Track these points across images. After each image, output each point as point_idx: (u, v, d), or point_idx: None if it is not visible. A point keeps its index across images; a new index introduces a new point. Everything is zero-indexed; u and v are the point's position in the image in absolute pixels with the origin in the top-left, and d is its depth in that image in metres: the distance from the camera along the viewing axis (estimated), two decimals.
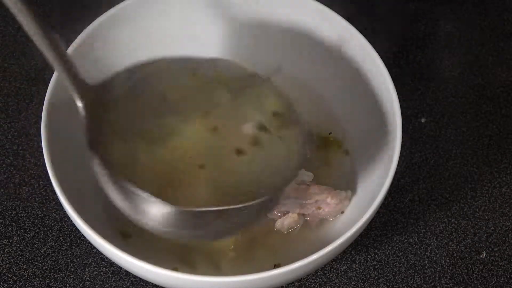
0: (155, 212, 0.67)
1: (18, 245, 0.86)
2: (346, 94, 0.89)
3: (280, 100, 0.73)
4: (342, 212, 0.82)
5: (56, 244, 0.86)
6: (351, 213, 0.82)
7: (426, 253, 0.88)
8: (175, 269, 0.74)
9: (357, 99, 0.88)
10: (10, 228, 0.87)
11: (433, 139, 0.95)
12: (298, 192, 0.81)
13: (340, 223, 0.82)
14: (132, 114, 0.71)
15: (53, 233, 0.87)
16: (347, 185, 0.84)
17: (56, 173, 0.75)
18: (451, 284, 0.86)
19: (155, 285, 0.81)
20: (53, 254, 0.86)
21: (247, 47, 0.91)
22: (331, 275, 0.86)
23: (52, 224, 0.87)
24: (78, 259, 0.85)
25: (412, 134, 0.95)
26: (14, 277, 0.84)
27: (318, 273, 0.86)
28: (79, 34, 0.84)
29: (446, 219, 0.90)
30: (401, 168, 0.91)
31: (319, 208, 0.81)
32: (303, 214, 0.82)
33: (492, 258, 0.88)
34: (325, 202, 0.81)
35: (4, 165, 0.91)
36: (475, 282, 0.87)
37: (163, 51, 0.92)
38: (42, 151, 0.76)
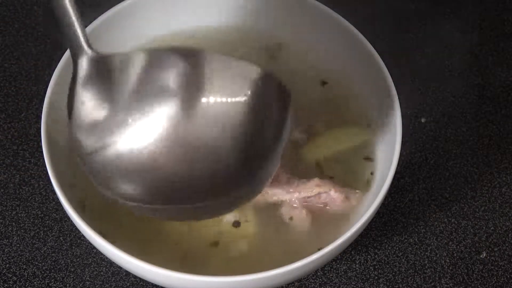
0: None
1: (18, 245, 0.86)
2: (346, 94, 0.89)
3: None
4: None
5: (56, 244, 0.86)
6: (351, 213, 0.81)
7: (426, 253, 0.88)
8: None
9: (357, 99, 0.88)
10: (10, 228, 0.87)
11: (433, 139, 0.95)
12: (299, 186, 0.80)
13: (340, 223, 0.81)
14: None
15: (53, 233, 0.87)
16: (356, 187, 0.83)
17: (56, 173, 0.75)
18: (451, 284, 0.86)
19: (155, 285, 0.81)
20: (53, 254, 0.86)
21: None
22: (331, 275, 0.86)
23: (52, 224, 0.87)
24: (78, 259, 0.85)
25: (412, 134, 0.95)
26: (14, 277, 0.84)
27: (318, 273, 0.86)
28: None
29: (446, 219, 0.90)
30: (401, 168, 0.91)
31: (325, 204, 0.81)
32: (309, 211, 0.81)
33: (492, 258, 0.88)
34: (329, 196, 0.80)
35: (4, 165, 0.91)
36: (475, 282, 0.87)
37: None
38: (42, 151, 0.76)
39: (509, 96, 1.00)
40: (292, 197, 0.80)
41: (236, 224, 0.79)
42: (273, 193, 0.80)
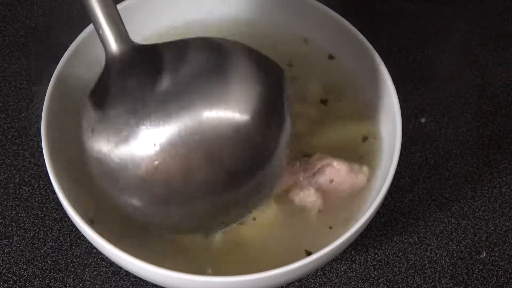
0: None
1: (18, 245, 0.86)
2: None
3: None
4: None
5: (56, 244, 0.86)
6: (352, 213, 0.81)
7: (426, 253, 0.88)
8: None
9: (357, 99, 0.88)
10: (10, 228, 0.87)
11: (433, 139, 0.95)
12: (302, 166, 0.80)
13: (340, 223, 0.81)
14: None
15: (53, 233, 0.87)
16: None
17: (56, 173, 0.75)
18: (451, 284, 0.86)
19: (155, 285, 0.81)
20: (53, 254, 0.86)
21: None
22: (331, 275, 0.86)
23: (52, 224, 0.87)
24: (78, 259, 0.85)
25: (412, 134, 0.95)
26: (14, 277, 0.84)
27: (318, 273, 0.86)
28: (79, 34, 0.84)
29: (446, 219, 0.90)
30: (401, 168, 0.91)
31: (331, 180, 0.80)
32: (319, 192, 0.81)
33: (492, 258, 0.88)
34: (333, 169, 0.80)
35: (4, 165, 0.91)
36: (475, 282, 0.87)
37: None
38: (42, 151, 0.76)
39: (509, 96, 1.00)
40: (299, 178, 0.80)
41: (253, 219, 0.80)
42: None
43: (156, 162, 0.67)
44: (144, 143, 0.67)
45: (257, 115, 0.69)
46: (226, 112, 0.68)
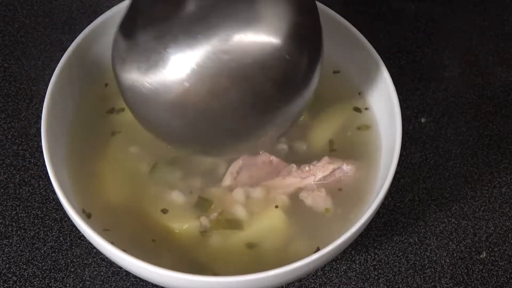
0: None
1: (18, 245, 0.86)
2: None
3: None
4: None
5: (56, 244, 0.86)
6: (351, 213, 0.81)
7: (426, 253, 0.88)
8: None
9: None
10: (10, 228, 0.87)
11: (433, 139, 0.95)
12: (312, 170, 0.81)
13: (340, 223, 0.82)
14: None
15: (53, 233, 0.87)
16: None
17: (56, 173, 0.75)
18: (451, 284, 0.86)
19: (155, 285, 0.81)
20: (53, 254, 0.86)
21: None
22: (331, 275, 0.86)
23: (52, 224, 0.87)
24: (78, 259, 0.85)
25: (412, 134, 0.95)
26: (14, 277, 0.84)
27: (318, 273, 0.86)
28: (79, 34, 0.84)
29: (446, 219, 0.90)
30: (401, 168, 0.91)
31: (340, 179, 0.81)
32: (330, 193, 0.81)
33: (492, 258, 0.88)
34: (342, 170, 0.81)
35: (4, 165, 0.91)
36: (475, 282, 0.87)
37: None
38: (42, 151, 0.76)
39: (509, 96, 1.00)
40: (309, 182, 0.80)
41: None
42: (288, 184, 0.80)
43: (187, 85, 0.69)
44: (173, 67, 0.69)
45: (288, 38, 0.70)
46: (254, 33, 0.69)
